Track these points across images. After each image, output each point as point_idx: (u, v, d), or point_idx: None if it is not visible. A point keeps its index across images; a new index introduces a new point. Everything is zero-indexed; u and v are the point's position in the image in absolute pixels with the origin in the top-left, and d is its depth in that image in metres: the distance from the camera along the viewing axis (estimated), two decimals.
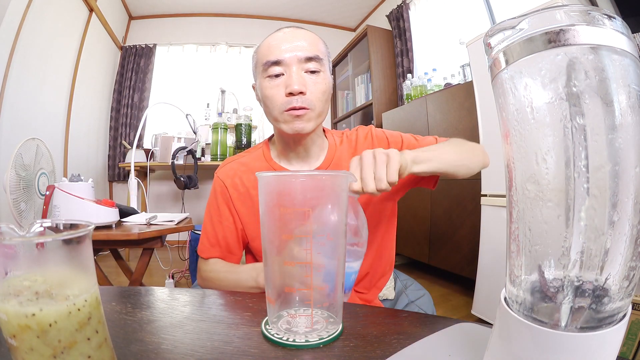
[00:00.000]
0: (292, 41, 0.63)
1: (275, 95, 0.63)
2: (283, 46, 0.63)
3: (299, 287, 0.38)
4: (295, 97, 0.62)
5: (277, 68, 0.63)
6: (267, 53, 0.64)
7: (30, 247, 0.25)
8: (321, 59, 0.65)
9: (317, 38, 0.67)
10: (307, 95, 0.63)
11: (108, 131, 3.47)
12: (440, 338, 0.37)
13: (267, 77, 0.64)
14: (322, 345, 0.37)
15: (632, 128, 0.21)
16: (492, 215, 1.60)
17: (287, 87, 0.62)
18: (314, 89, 0.63)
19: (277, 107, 0.64)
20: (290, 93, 0.62)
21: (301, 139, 0.68)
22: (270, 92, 0.64)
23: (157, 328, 0.41)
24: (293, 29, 0.66)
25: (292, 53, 0.62)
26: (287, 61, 0.62)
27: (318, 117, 0.66)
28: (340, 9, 3.70)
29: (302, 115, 0.63)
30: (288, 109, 0.63)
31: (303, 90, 0.62)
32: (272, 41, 0.65)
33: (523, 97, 0.23)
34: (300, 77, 0.62)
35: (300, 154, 0.72)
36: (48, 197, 1.15)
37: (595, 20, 0.21)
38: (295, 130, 0.64)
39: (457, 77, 2.34)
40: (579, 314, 0.22)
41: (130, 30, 3.69)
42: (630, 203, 0.21)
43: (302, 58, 0.63)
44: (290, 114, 0.63)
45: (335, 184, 0.40)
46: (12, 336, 0.24)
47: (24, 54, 2.09)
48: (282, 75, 0.63)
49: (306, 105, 0.63)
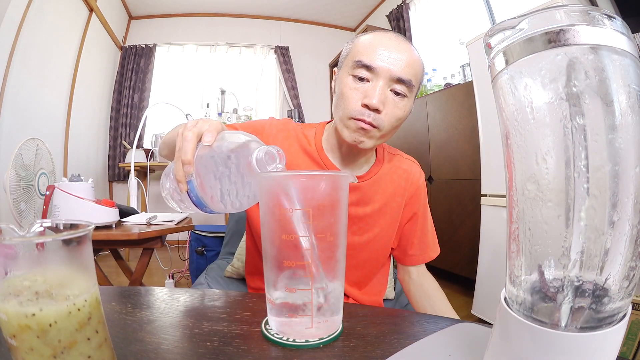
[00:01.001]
0: (392, 51, 0.59)
1: (352, 98, 0.60)
2: (383, 54, 0.58)
3: (299, 287, 0.38)
4: (368, 111, 0.59)
5: (366, 72, 0.59)
6: (364, 52, 0.60)
7: (30, 247, 0.25)
8: (413, 85, 0.61)
9: (420, 62, 0.63)
10: (381, 115, 0.59)
11: (108, 131, 3.47)
12: (440, 338, 0.37)
13: (351, 75, 0.61)
14: (322, 345, 0.37)
15: (632, 128, 0.21)
16: (492, 215, 1.60)
17: (366, 98, 0.58)
18: (391, 112, 0.60)
19: (348, 110, 0.60)
20: (366, 105, 0.58)
21: (354, 149, 0.66)
22: (349, 92, 0.60)
23: (157, 328, 0.41)
24: (401, 39, 0.61)
25: (386, 65, 0.58)
26: (379, 71, 0.58)
27: (382, 138, 0.63)
28: (340, 9, 3.71)
29: (368, 131, 0.60)
30: (357, 118, 0.59)
31: (380, 108, 0.58)
32: (373, 42, 0.60)
33: (523, 97, 0.23)
34: (383, 95, 0.58)
35: (347, 158, 0.69)
36: (48, 197, 1.15)
37: (595, 20, 0.21)
38: (354, 141, 0.61)
39: (457, 77, 2.34)
40: (579, 314, 0.22)
41: (130, 30, 3.69)
42: (630, 203, 0.21)
43: (395, 76, 0.58)
44: (356, 124, 0.60)
45: (335, 184, 0.40)
46: (12, 336, 0.24)
47: (24, 54, 2.09)
48: (367, 82, 0.59)
49: (376, 123, 0.59)
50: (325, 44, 3.95)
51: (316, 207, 0.37)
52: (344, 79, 0.61)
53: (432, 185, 2.25)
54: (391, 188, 0.72)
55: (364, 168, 0.71)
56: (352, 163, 0.70)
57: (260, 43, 3.82)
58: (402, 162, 0.75)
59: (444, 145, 2.15)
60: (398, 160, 0.75)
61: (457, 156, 2.04)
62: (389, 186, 0.72)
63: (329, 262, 0.39)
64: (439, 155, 2.20)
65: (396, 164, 0.74)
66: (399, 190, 0.72)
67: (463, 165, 2.00)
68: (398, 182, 0.73)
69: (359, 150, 0.66)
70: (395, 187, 0.72)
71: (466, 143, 1.96)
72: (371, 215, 0.70)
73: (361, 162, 0.70)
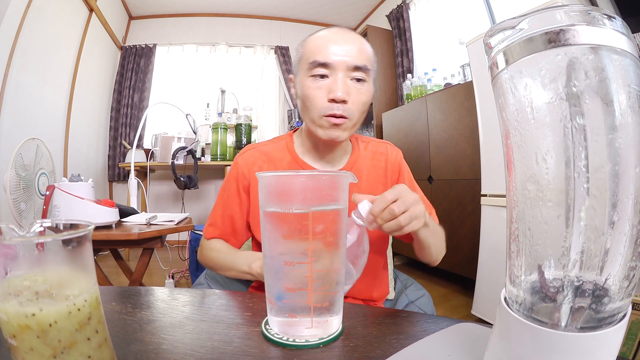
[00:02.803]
0: (343, 45, 0.62)
1: (317, 97, 0.62)
2: (333, 48, 0.61)
3: (299, 287, 0.38)
4: (337, 104, 0.61)
5: (323, 70, 0.62)
6: (316, 52, 0.62)
7: (30, 247, 0.25)
8: (369, 69, 0.63)
9: (369, 46, 0.66)
10: (348, 105, 0.62)
11: (108, 131, 3.47)
12: (440, 338, 0.37)
13: (310, 77, 0.63)
14: (322, 345, 0.37)
15: (632, 128, 0.21)
16: (492, 215, 1.60)
17: (331, 93, 0.61)
18: (356, 99, 0.62)
19: (316, 110, 0.63)
20: (332, 99, 0.61)
21: (334, 145, 0.68)
22: (312, 93, 0.63)
23: (157, 328, 0.41)
24: (346, 31, 0.64)
25: (341, 58, 0.61)
26: (335, 65, 0.61)
27: (353, 127, 0.66)
28: (340, 9, 3.70)
29: (340, 125, 0.62)
30: (328, 114, 0.62)
31: (346, 99, 0.61)
32: (322, 40, 0.63)
33: (523, 97, 0.23)
34: (346, 85, 0.61)
35: (326, 154, 0.72)
36: (48, 197, 1.15)
37: (595, 20, 0.21)
38: (330, 137, 0.64)
39: (457, 77, 2.34)
40: (579, 314, 0.22)
41: (130, 30, 3.69)
42: (630, 203, 0.21)
43: (351, 65, 0.61)
44: (329, 121, 0.62)
45: (335, 184, 0.40)
46: (12, 336, 0.24)
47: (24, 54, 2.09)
48: (327, 78, 0.62)
49: (346, 114, 0.62)
50: None
51: (316, 207, 0.37)
52: (304, 81, 0.64)
53: (432, 185, 2.25)
54: (374, 173, 0.74)
55: (343, 160, 0.74)
56: (331, 160, 0.72)
57: (260, 43, 3.82)
58: (378, 146, 0.78)
59: (444, 145, 2.15)
60: (373, 146, 0.78)
61: (457, 156, 2.04)
62: (372, 171, 0.74)
63: (329, 263, 0.39)
64: (439, 155, 2.20)
65: (372, 149, 0.77)
66: (380, 171, 0.75)
67: (463, 165, 2.00)
68: (378, 164, 0.75)
69: (334, 144, 0.69)
70: (377, 170, 0.75)
71: (466, 143, 1.96)
72: None
73: (340, 155, 0.73)
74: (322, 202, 0.38)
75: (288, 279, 0.38)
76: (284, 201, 0.38)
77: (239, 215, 0.74)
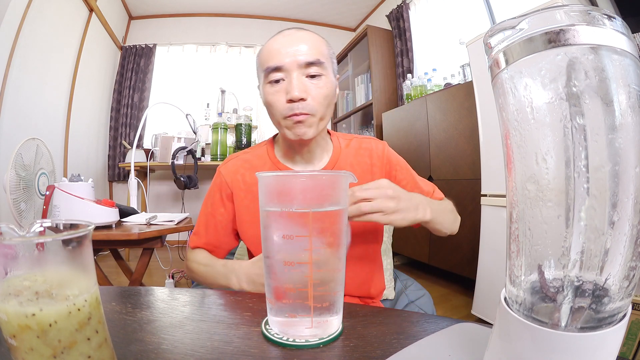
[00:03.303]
0: (292, 45, 0.62)
1: (277, 102, 0.63)
2: (283, 51, 0.62)
3: (299, 287, 0.38)
4: (296, 104, 0.62)
5: (278, 74, 0.63)
6: (268, 58, 0.64)
7: (30, 247, 0.25)
8: (322, 62, 0.64)
9: (320, 40, 0.66)
10: (308, 101, 0.62)
11: (108, 131, 3.47)
12: (440, 338, 0.37)
13: (268, 83, 0.64)
14: (322, 345, 0.37)
15: (632, 128, 0.21)
16: (492, 215, 1.60)
17: (288, 94, 0.62)
18: (316, 94, 0.63)
19: (278, 113, 0.64)
20: (290, 100, 0.62)
21: (305, 142, 0.68)
22: (272, 98, 0.64)
23: (157, 328, 0.41)
24: (294, 31, 0.65)
25: (292, 58, 0.61)
26: (287, 67, 0.62)
27: (320, 121, 0.66)
28: (340, 9, 3.71)
29: (304, 121, 0.63)
30: (289, 115, 0.63)
31: (303, 97, 0.62)
32: (272, 45, 0.64)
33: (523, 97, 0.23)
34: (301, 83, 0.62)
35: (305, 155, 0.72)
36: (48, 197, 1.15)
37: (595, 20, 0.21)
38: (297, 135, 0.64)
39: (457, 77, 2.34)
40: (579, 314, 0.22)
41: (130, 30, 3.69)
42: (630, 203, 0.21)
43: (303, 63, 0.62)
44: (292, 120, 0.63)
45: (335, 184, 0.40)
46: (12, 336, 0.24)
47: (24, 54, 2.09)
48: (283, 81, 0.63)
49: (307, 111, 0.62)
50: None
51: (316, 207, 0.37)
52: (264, 89, 0.66)
53: None
54: (359, 168, 0.74)
55: (324, 159, 0.74)
56: (311, 159, 0.73)
57: (260, 43, 3.82)
58: (361, 142, 0.77)
59: (444, 145, 2.15)
60: (356, 142, 0.77)
61: (457, 156, 2.04)
62: (357, 167, 0.74)
63: (329, 263, 0.39)
64: (439, 155, 2.20)
65: (355, 146, 0.76)
66: (366, 167, 0.74)
67: (463, 165, 2.00)
68: (363, 160, 0.75)
69: (309, 143, 0.69)
70: (362, 166, 0.74)
71: (466, 143, 1.96)
72: None
73: (318, 154, 0.73)
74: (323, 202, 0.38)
75: (288, 279, 0.38)
76: (284, 201, 0.38)
77: (223, 223, 0.75)
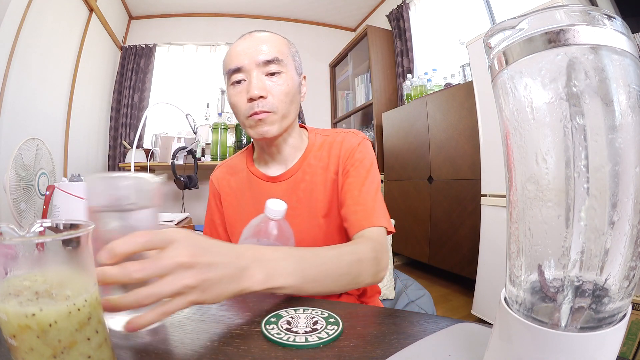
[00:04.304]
0: (251, 46, 0.64)
1: (239, 102, 0.65)
2: (243, 52, 0.64)
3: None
4: (256, 102, 0.63)
5: (239, 75, 0.64)
6: (229, 61, 0.66)
7: (30, 247, 0.25)
8: (281, 60, 0.65)
9: (279, 38, 0.68)
10: (268, 99, 0.63)
11: (108, 131, 3.47)
12: (440, 338, 0.37)
13: (231, 85, 0.66)
14: (322, 345, 0.37)
15: (632, 128, 0.21)
16: (492, 215, 1.60)
17: (248, 93, 0.63)
18: (276, 92, 0.64)
19: (241, 113, 0.65)
20: (250, 99, 0.63)
21: (271, 141, 0.69)
22: (234, 99, 0.66)
23: (157, 328, 0.41)
24: (254, 33, 0.67)
25: (249, 58, 0.63)
26: (247, 67, 0.63)
27: (283, 119, 0.66)
28: (340, 9, 3.70)
29: (265, 119, 0.64)
30: (251, 114, 0.64)
31: (263, 95, 0.63)
32: (234, 48, 0.66)
33: (523, 97, 0.23)
34: (260, 82, 0.63)
35: (275, 155, 0.73)
36: (48, 197, 1.15)
37: (595, 20, 0.21)
38: (259, 134, 0.65)
39: (457, 77, 2.34)
40: (579, 314, 0.22)
41: (130, 30, 3.69)
42: (630, 203, 0.21)
43: (261, 62, 0.63)
44: (253, 119, 0.64)
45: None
46: (12, 336, 0.24)
47: (24, 54, 2.09)
48: (245, 81, 0.65)
49: (267, 109, 0.63)
50: (326, 44, 3.95)
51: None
52: (228, 91, 0.67)
53: (432, 185, 2.25)
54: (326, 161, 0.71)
55: (296, 157, 0.73)
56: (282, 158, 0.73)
57: None
58: (337, 135, 0.75)
59: (444, 145, 2.15)
60: (332, 136, 0.75)
61: (457, 156, 2.04)
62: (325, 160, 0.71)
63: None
64: (439, 155, 2.20)
65: (329, 140, 0.74)
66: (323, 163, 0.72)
67: (463, 165, 2.00)
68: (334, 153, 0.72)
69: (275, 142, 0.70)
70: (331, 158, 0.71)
71: (466, 143, 1.96)
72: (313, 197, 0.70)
73: (290, 153, 0.73)
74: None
75: None
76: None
77: (221, 227, 0.80)
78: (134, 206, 0.38)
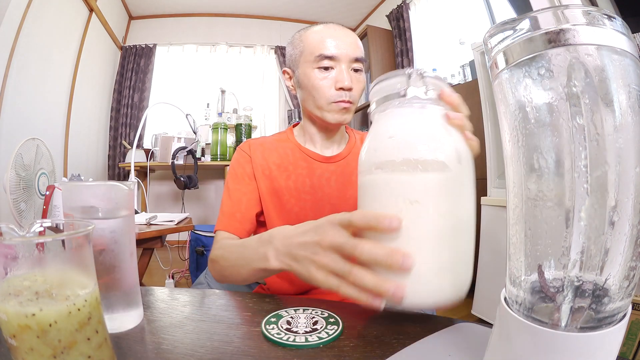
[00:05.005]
0: (343, 39, 0.70)
1: (325, 87, 0.69)
2: (335, 42, 0.69)
3: None
4: (344, 92, 0.69)
5: (330, 62, 0.69)
6: (321, 46, 0.69)
7: (30, 247, 0.25)
8: (364, 60, 0.73)
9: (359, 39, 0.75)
10: (353, 92, 0.70)
11: (108, 131, 3.47)
12: (440, 338, 0.37)
13: (317, 68, 0.70)
14: (322, 345, 0.37)
15: (632, 128, 0.21)
16: (492, 215, 1.60)
17: (338, 82, 0.68)
18: (357, 87, 0.71)
19: (325, 97, 0.70)
20: (341, 88, 0.68)
21: (335, 128, 0.77)
22: (320, 83, 0.70)
23: (157, 328, 0.41)
24: (340, 26, 0.72)
25: (344, 51, 0.69)
26: (340, 57, 0.69)
27: (354, 111, 0.74)
28: (340, 9, 3.70)
29: (348, 109, 0.71)
30: (337, 101, 0.69)
31: (353, 87, 0.69)
32: (323, 35, 0.70)
33: (523, 97, 0.23)
34: (350, 75, 0.69)
35: (328, 139, 0.78)
36: (48, 197, 1.15)
37: (595, 20, 0.21)
38: (339, 121, 0.71)
39: (457, 77, 2.34)
40: (579, 314, 0.22)
41: (130, 30, 3.69)
42: (630, 203, 0.21)
43: (352, 57, 0.70)
44: (339, 106, 0.70)
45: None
46: (12, 336, 0.24)
47: (24, 54, 2.09)
48: (332, 69, 0.69)
49: (352, 100, 0.70)
50: None
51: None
52: (310, 73, 0.70)
53: None
54: None
55: (341, 146, 0.80)
56: (330, 145, 0.79)
57: (260, 43, 3.82)
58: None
59: None
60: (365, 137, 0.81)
61: None
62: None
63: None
64: None
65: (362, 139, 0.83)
66: None
67: None
68: None
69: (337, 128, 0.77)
70: None
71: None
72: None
73: (337, 140, 0.80)
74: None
75: None
76: None
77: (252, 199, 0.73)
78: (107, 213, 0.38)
